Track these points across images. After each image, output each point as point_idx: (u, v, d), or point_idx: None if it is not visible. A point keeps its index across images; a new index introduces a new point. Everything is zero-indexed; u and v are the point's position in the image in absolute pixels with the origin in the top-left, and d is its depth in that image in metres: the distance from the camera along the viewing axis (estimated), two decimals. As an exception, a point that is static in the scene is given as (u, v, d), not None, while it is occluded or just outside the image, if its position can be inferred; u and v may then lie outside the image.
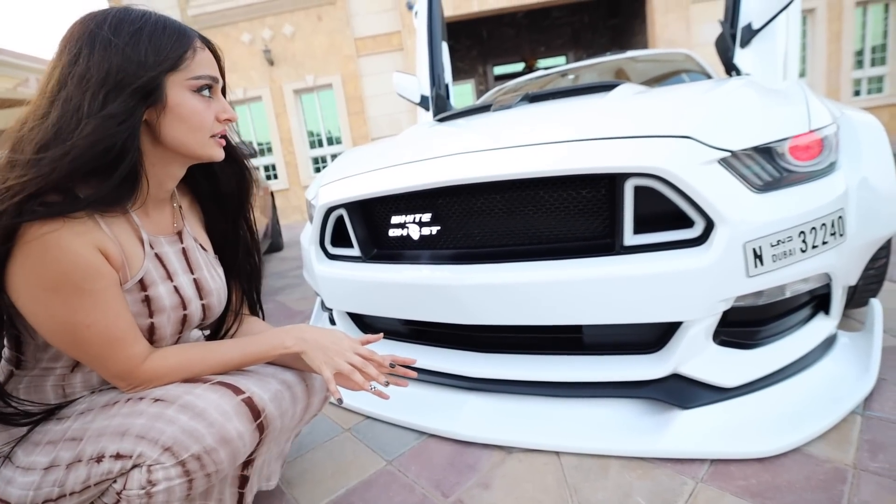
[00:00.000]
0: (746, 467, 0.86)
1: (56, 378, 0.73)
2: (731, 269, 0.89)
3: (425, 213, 1.19)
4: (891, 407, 0.97)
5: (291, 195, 8.42)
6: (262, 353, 0.78)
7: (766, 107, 1.06)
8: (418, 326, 1.32)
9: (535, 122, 1.22)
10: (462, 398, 1.17)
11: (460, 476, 0.96)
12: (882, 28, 7.68)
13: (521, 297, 1.02)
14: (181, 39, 0.68)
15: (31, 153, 0.60)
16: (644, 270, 0.92)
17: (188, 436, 0.64)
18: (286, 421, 0.79)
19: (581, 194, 1.01)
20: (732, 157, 0.92)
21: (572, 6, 8.82)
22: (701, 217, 0.92)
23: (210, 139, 0.74)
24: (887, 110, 7.57)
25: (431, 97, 2.14)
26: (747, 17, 1.54)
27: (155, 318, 0.73)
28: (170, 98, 0.67)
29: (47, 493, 0.67)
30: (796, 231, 0.91)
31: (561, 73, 2.79)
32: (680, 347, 0.95)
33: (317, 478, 1.02)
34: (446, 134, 1.37)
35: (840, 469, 0.83)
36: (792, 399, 0.95)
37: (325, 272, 1.39)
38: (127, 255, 0.70)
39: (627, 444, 0.94)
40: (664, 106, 1.12)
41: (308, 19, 7.87)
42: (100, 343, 0.66)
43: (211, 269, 0.85)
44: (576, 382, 1.05)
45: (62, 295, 0.62)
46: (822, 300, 1.06)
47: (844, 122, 1.11)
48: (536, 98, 1.52)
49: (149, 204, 0.76)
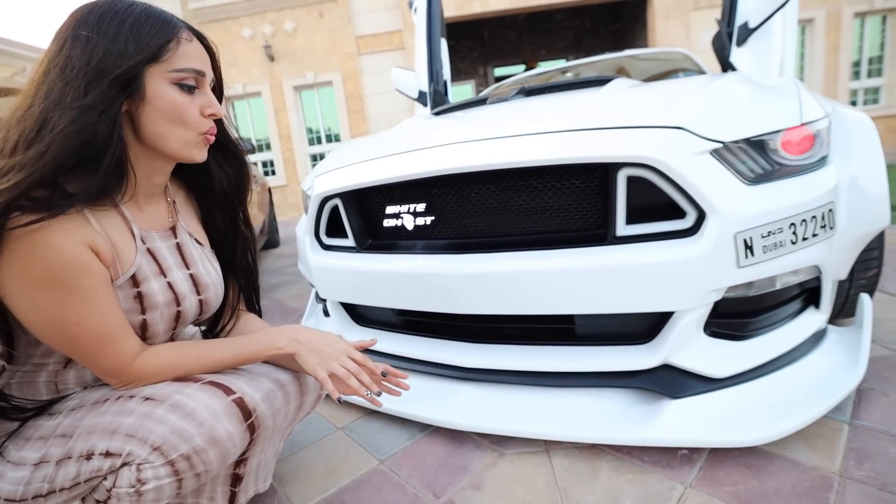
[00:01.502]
0: (735, 473, 0.87)
1: (48, 374, 0.73)
2: (722, 260, 0.90)
3: (420, 202, 1.19)
4: (878, 416, 0.99)
5: (289, 192, 8.42)
6: (255, 353, 0.78)
7: (758, 100, 1.07)
8: (411, 317, 1.32)
9: (529, 113, 1.22)
10: (454, 388, 1.17)
11: (452, 476, 0.96)
12: (879, 40, 7.76)
13: (515, 287, 1.02)
14: (164, 29, 0.67)
15: (15, 147, 0.60)
16: (636, 260, 0.92)
17: (177, 436, 0.64)
18: (279, 420, 0.79)
19: (574, 184, 1.02)
20: (724, 149, 0.92)
21: (574, 9, 8.87)
22: (693, 207, 0.92)
23: (196, 137, 0.72)
24: (883, 121, 7.64)
25: (429, 93, 2.15)
26: (744, 16, 1.55)
27: (147, 315, 0.73)
28: (148, 89, 0.66)
29: (37, 488, 0.67)
30: (787, 223, 0.91)
31: (561, 70, 2.80)
32: (671, 338, 0.96)
33: (309, 476, 1.02)
34: (442, 125, 1.37)
35: (826, 476, 0.84)
36: (781, 390, 0.95)
37: (319, 262, 1.39)
38: (118, 250, 0.69)
39: (617, 432, 0.95)
40: (657, 98, 1.13)
41: (309, 16, 7.89)
42: (89, 340, 0.66)
43: (207, 263, 0.84)
44: (567, 373, 1.05)
45: (50, 292, 0.62)
46: (813, 294, 1.07)
47: (837, 119, 1.12)
48: (532, 92, 1.53)
49: (140, 198, 0.75)
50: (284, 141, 8.32)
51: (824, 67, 7.62)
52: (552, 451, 1.01)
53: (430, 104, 2.14)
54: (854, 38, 7.67)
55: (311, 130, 8.52)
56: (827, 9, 7.45)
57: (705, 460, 0.92)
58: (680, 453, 0.95)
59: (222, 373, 0.76)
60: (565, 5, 7.73)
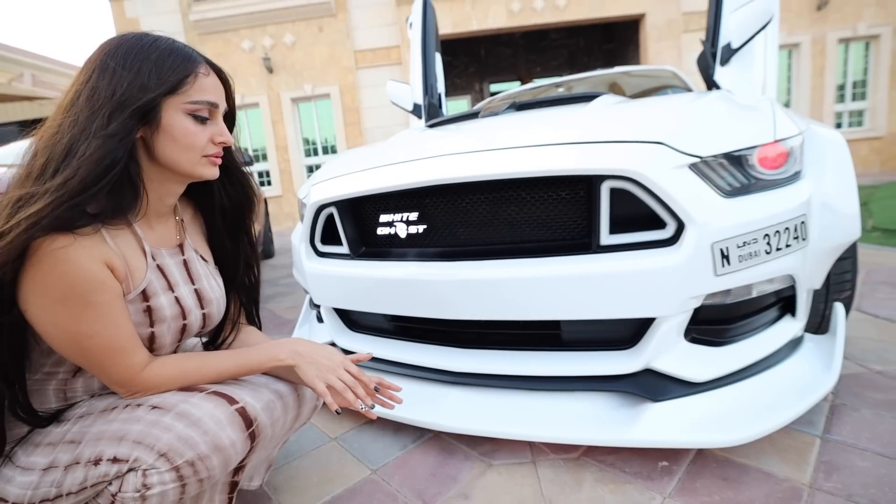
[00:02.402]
0: (711, 484, 0.91)
1: (58, 382, 0.76)
2: (700, 268, 0.94)
3: (412, 212, 1.23)
4: (848, 431, 1.04)
5: (284, 202, 8.44)
6: (256, 364, 0.81)
7: (734, 118, 1.13)
8: (403, 323, 1.35)
9: (519, 127, 1.27)
10: (444, 392, 1.19)
11: (442, 486, 0.99)
12: (863, 65, 8.00)
13: (503, 293, 1.05)
14: (184, 65, 0.72)
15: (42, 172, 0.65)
16: (619, 268, 0.96)
17: (183, 443, 0.67)
18: (277, 429, 0.82)
19: (560, 195, 1.06)
20: (702, 163, 0.97)
21: (569, 29, 9.09)
22: (672, 218, 0.97)
23: (202, 158, 0.77)
24: (867, 143, 7.84)
25: (424, 106, 2.20)
26: (727, 38, 1.63)
27: (156, 328, 0.77)
28: (164, 119, 0.71)
29: (45, 492, 0.69)
30: (761, 233, 0.96)
31: (555, 84, 2.88)
32: (652, 344, 0.99)
33: (303, 484, 1.04)
34: (435, 137, 1.42)
35: (797, 488, 0.88)
36: (758, 393, 0.99)
37: (314, 269, 1.42)
38: (130, 267, 0.73)
39: (601, 434, 0.98)
40: (639, 115, 1.19)
41: (309, 29, 8.01)
42: (102, 352, 0.69)
43: (211, 279, 0.88)
44: (553, 377, 1.08)
45: (68, 306, 0.65)
46: (789, 302, 1.11)
47: (811, 136, 1.18)
48: (523, 106, 1.58)
49: (151, 217, 0.80)
50: (281, 152, 8.37)
51: (810, 90, 7.83)
52: (538, 462, 1.04)
53: (425, 116, 2.20)
54: (839, 63, 7.91)
55: (308, 142, 8.59)
56: (812, 34, 7.70)
57: (684, 472, 0.96)
58: (660, 465, 0.98)
59: (225, 383, 0.79)
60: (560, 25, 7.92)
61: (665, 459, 1.00)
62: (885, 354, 1.39)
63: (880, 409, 1.11)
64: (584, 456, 1.04)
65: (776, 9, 1.51)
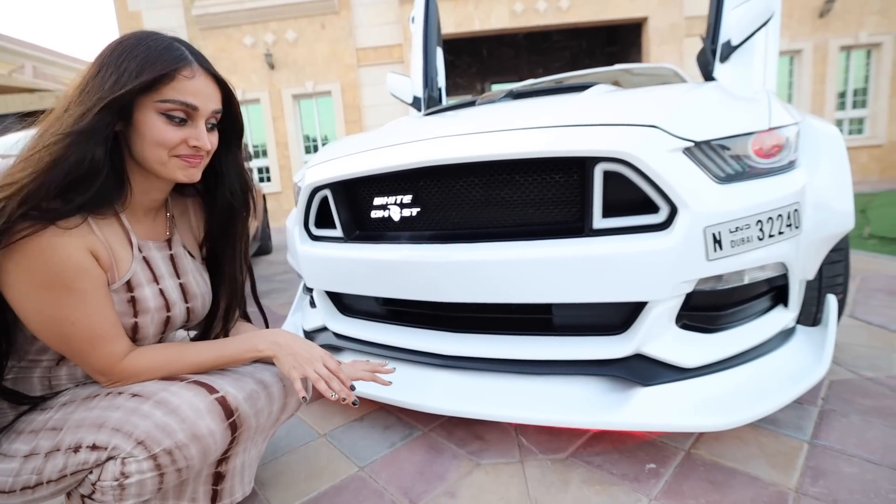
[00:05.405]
0: (698, 487, 0.91)
1: (42, 370, 0.76)
2: (692, 253, 0.94)
3: (406, 194, 1.22)
4: (836, 437, 1.04)
5: (283, 199, 8.44)
6: (236, 354, 0.82)
7: (729, 106, 1.13)
8: (395, 306, 1.34)
9: (514, 112, 1.27)
10: (433, 375, 1.19)
11: (428, 484, 0.99)
12: (864, 73, 8.03)
13: (496, 276, 1.05)
14: (165, 64, 0.70)
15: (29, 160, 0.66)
16: (612, 251, 0.96)
17: (161, 430, 0.67)
18: (262, 420, 0.82)
19: (554, 178, 1.06)
20: (696, 148, 0.97)
21: (572, 31, 9.11)
22: (665, 202, 0.96)
23: (172, 159, 0.74)
24: (867, 151, 7.87)
25: (424, 98, 2.20)
26: (727, 35, 1.63)
27: (139, 318, 0.77)
28: (136, 116, 0.71)
29: (26, 480, 0.69)
30: (754, 219, 0.96)
31: (556, 80, 2.88)
32: (643, 329, 0.99)
33: (290, 480, 1.04)
34: (431, 122, 1.42)
35: (783, 492, 0.88)
36: (748, 380, 0.98)
37: (307, 252, 1.41)
38: (116, 257, 0.74)
39: (589, 416, 0.97)
40: (633, 100, 1.19)
41: (311, 26, 8.03)
42: (83, 339, 0.69)
43: (197, 275, 0.89)
44: (544, 360, 1.08)
45: (52, 292, 0.66)
46: (781, 292, 1.11)
47: (806, 128, 1.18)
48: (519, 95, 1.58)
49: (139, 210, 0.81)
50: (281, 148, 8.37)
51: (811, 97, 7.87)
52: (526, 461, 1.04)
53: (424, 109, 2.19)
54: (840, 71, 7.95)
55: (308, 138, 8.60)
56: (814, 42, 7.73)
57: (671, 474, 0.95)
58: (647, 467, 0.98)
59: (209, 373, 0.79)
60: (563, 27, 7.94)
61: (652, 461, 0.99)
62: (876, 361, 1.39)
63: (869, 416, 1.11)
64: (572, 457, 1.04)
65: (777, 7, 1.51)
